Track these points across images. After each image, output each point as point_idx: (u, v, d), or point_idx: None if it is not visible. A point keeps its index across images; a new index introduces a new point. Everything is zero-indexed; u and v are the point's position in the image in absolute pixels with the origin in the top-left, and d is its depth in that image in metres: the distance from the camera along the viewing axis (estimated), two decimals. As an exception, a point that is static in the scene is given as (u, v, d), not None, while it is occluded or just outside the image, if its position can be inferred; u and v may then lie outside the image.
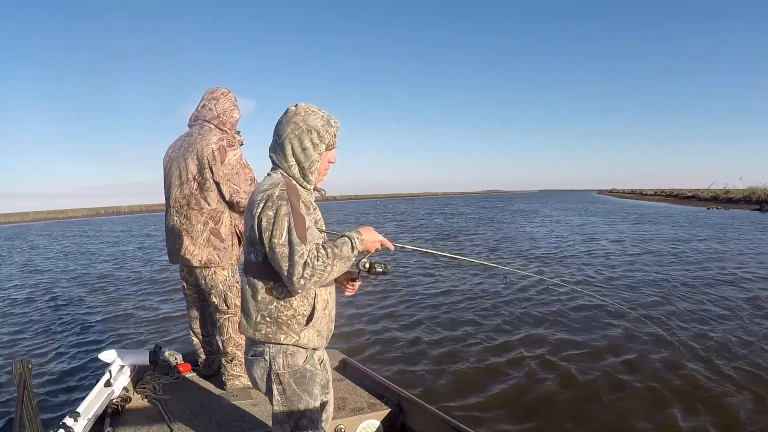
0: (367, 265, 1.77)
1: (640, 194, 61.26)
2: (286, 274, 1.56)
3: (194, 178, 2.89)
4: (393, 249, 1.80)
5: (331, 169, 1.88)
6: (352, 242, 1.64)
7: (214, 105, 2.96)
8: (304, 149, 1.70)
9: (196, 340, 3.30)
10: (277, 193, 1.61)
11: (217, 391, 3.06)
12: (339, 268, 1.61)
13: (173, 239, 3.00)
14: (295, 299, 1.69)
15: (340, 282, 1.91)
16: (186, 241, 2.94)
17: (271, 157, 1.78)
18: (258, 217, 1.62)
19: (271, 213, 1.59)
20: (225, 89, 3.04)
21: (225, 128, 2.97)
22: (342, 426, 2.62)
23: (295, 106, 1.74)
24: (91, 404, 2.61)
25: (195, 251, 2.92)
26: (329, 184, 1.95)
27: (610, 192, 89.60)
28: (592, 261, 10.49)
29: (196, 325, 3.27)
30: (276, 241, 1.57)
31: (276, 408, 1.76)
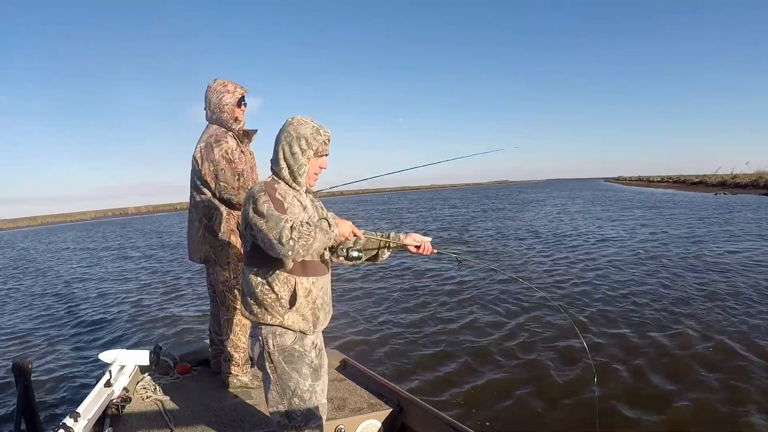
0: (343, 254, 2.08)
1: (648, 181, 60.46)
2: (275, 240, 1.73)
3: (191, 178, 3.01)
4: (363, 238, 2.11)
5: (338, 167, 2.04)
6: (327, 221, 1.86)
7: (207, 105, 3.02)
8: (293, 154, 1.93)
9: (210, 338, 3.34)
10: (256, 189, 1.89)
11: (217, 391, 3.06)
12: (320, 237, 1.79)
13: (187, 237, 3.15)
14: (276, 285, 1.90)
15: (405, 247, 2.17)
16: (190, 239, 3.09)
17: (270, 164, 2.01)
18: (244, 212, 1.89)
19: (251, 204, 1.84)
20: (209, 83, 3.03)
21: (224, 118, 2.97)
22: (342, 426, 2.62)
23: (292, 117, 1.98)
24: (91, 404, 2.61)
25: (195, 248, 3.05)
26: (338, 180, 2.12)
27: (617, 180, 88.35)
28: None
29: (212, 323, 3.30)
30: (262, 221, 1.78)
31: (270, 387, 1.96)
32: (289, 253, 1.73)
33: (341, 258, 2.09)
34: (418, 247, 2.17)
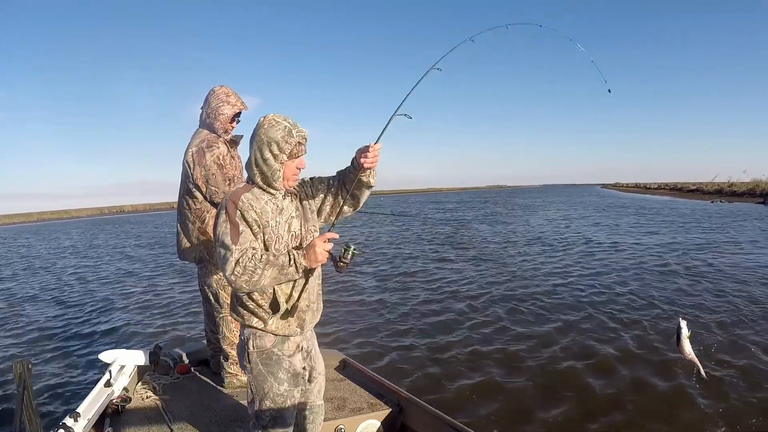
0: (340, 264, 1.90)
1: (645, 188, 60.88)
2: (221, 269, 1.76)
3: (183, 181, 3.04)
4: (337, 237, 1.87)
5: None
6: (290, 256, 1.77)
7: (205, 108, 3.05)
8: (265, 160, 1.82)
9: (206, 338, 3.35)
10: (222, 203, 1.84)
11: (217, 391, 3.07)
12: (271, 274, 1.74)
13: (177, 237, 3.17)
14: (254, 293, 1.87)
15: (357, 162, 1.89)
16: (183, 239, 3.11)
17: (245, 168, 1.95)
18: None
19: (216, 219, 1.82)
20: (215, 87, 3.06)
21: (215, 126, 3.02)
22: (342, 426, 2.62)
23: (264, 117, 1.85)
24: (91, 404, 2.62)
25: (190, 248, 3.09)
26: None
27: (614, 186, 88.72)
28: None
29: (207, 322, 3.31)
30: (217, 245, 1.79)
31: (249, 386, 1.98)
32: (233, 285, 1.73)
33: (347, 261, 1.90)
34: (366, 155, 1.87)
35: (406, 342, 5.45)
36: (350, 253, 1.89)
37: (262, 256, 1.74)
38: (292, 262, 1.75)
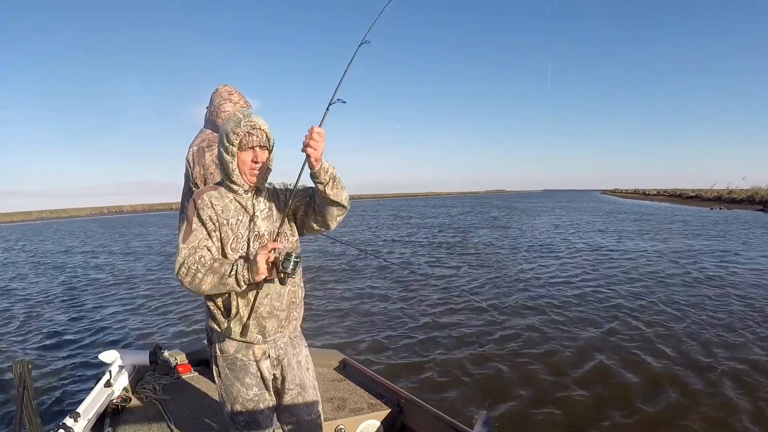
0: (281, 275, 1.74)
1: (644, 194, 61.21)
2: (173, 268, 1.76)
3: (186, 180, 3.03)
4: (280, 246, 1.74)
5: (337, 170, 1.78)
6: (233, 267, 1.69)
7: (209, 108, 3.04)
8: (220, 154, 1.82)
9: (207, 337, 3.34)
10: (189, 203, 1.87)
11: (217, 392, 3.07)
12: (212, 281, 1.69)
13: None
14: (213, 294, 1.83)
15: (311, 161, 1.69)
16: None
17: None
18: None
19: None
20: (219, 86, 3.05)
21: (218, 124, 3.00)
22: (342, 426, 2.62)
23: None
24: (91, 404, 2.62)
25: None
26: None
27: (613, 192, 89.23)
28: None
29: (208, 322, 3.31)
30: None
31: (219, 389, 1.95)
32: (182, 285, 1.74)
33: (288, 272, 1.71)
34: (310, 147, 1.65)
35: (407, 342, 5.45)
36: (291, 262, 1.68)
37: (207, 260, 1.71)
38: (233, 273, 1.68)
